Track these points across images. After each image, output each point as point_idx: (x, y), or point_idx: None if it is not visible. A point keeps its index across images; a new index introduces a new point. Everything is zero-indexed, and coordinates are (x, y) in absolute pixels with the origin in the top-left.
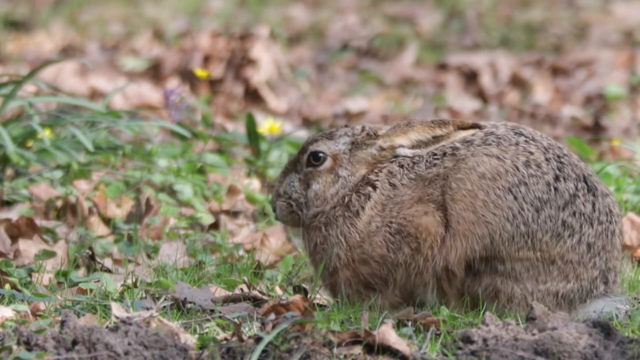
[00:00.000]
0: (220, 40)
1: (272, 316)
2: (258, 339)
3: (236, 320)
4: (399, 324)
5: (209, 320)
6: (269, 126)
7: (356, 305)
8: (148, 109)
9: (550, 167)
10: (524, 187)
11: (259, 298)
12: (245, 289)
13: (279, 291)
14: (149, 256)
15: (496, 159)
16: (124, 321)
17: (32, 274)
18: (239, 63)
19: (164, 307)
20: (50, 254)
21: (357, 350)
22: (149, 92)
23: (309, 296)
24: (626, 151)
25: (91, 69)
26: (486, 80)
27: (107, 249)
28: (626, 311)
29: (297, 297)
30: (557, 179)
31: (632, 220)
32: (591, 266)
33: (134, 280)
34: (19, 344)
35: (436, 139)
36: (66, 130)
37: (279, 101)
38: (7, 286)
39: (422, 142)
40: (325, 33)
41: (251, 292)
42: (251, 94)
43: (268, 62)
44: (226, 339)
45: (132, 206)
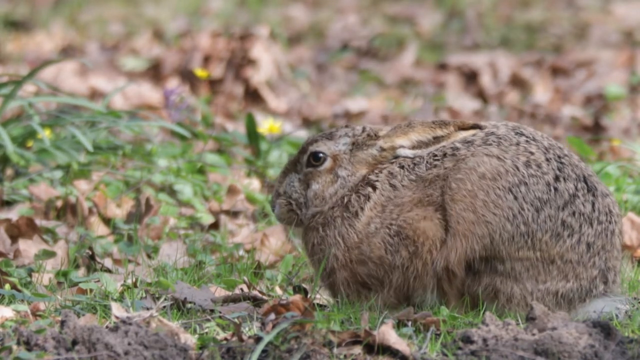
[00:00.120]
0: (220, 40)
1: (272, 316)
2: (258, 339)
3: (236, 320)
4: (399, 324)
5: (209, 320)
6: (269, 126)
7: (356, 305)
8: (148, 109)
9: (550, 167)
10: (524, 187)
11: (259, 298)
12: (245, 289)
13: (279, 291)
14: (149, 256)
15: (496, 159)
16: (124, 321)
17: (32, 274)
18: (239, 63)
19: (164, 307)
20: (50, 254)
21: (357, 350)
22: (149, 92)
23: (309, 296)
24: (626, 151)
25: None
26: (486, 80)
27: (107, 249)
28: (626, 311)
29: (297, 297)
30: (557, 179)
31: (632, 220)
32: (591, 265)
33: (134, 280)
34: (19, 344)
35: (437, 139)
36: (66, 130)
37: (279, 101)
38: (7, 286)
39: (422, 143)
40: (325, 33)
41: (251, 292)
42: (251, 94)
43: (268, 62)
44: (226, 339)
45: (132, 206)
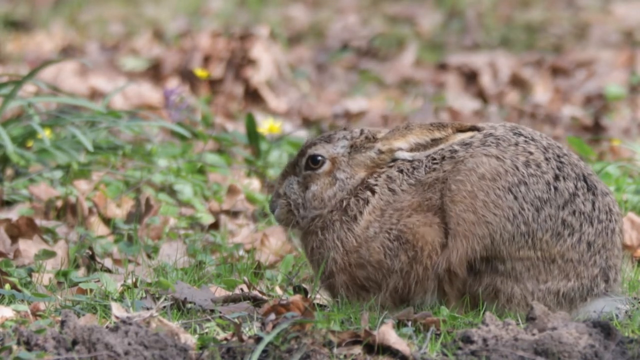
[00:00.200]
0: (220, 40)
1: (272, 316)
2: (258, 339)
3: (236, 320)
4: (399, 324)
5: (209, 320)
6: (269, 126)
7: (356, 305)
8: (148, 109)
9: (549, 166)
10: (523, 186)
11: (259, 298)
12: (245, 289)
13: (279, 291)
14: (149, 256)
15: (496, 159)
16: (124, 321)
17: (32, 274)
18: (239, 63)
19: (164, 307)
20: (50, 254)
21: (357, 350)
22: (149, 92)
23: (309, 296)
24: (626, 151)
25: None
26: (486, 80)
27: (107, 249)
28: (626, 311)
29: (297, 297)
30: (556, 178)
31: (632, 220)
32: (591, 264)
33: (134, 280)
34: (19, 344)
35: (435, 141)
36: (66, 130)
37: (279, 101)
38: (7, 286)
39: (420, 145)
40: (325, 33)
41: (251, 292)
42: (251, 94)
43: (268, 62)
44: (226, 339)
45: (132, 206)
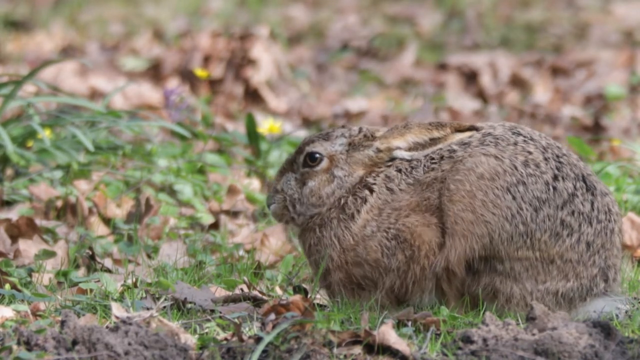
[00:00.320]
0: (220, 40)
1: (272, 316)
2: (258, 339)
3: (236, 320)
4: (399, 324)
5: (209, 320)
6: (269, 126)
7: (356, 305)
8: (148, 109)
9: (548, 166)
10: (522, 186)
11: (259, 298)
12: (245, 289)
13: (279, 291)
14: (149, 256)
15: (494, 159)
16: (124, 321)
17: (32, 274)
18: (239, 63)
19: (164, 307)
20: (50, 254)
21: (357, 350)
22: (149, 92)
23: (309, 296)
24: (626, 151)
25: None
26: (486, 80)
27: (107, 249)
28: (626, 311)
29: (297, 297)
30: (555, 178)
31: (632, 220)
32: (591, 264)
33: (134, 280)
34: (19, 344)
35: (433, 141)
36: (66, 130)
37: (279, 101)
38: (7, 286)
39: (419, 144)
40: (325, 33)
41: (251, 292)
42: (251, 94)
43: (268, 62)
44: (226, 339)
45: (132, 206)
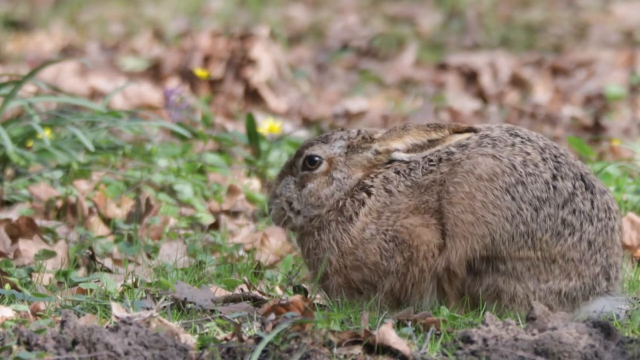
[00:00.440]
0: (220, 40)
1: (272, 316)
2: (258, 339)
3: (236, 320)
4: (399, 324)
5: (209, 320)
6: (269, 126)
7: (356, 306)
8: (148, 109)
9: (547, 166)
10: (521, 186)
11: (259, 298)
12: (245, 289)
13: (279, 291)
14: (149, 256)
15: (492, 159)
16: (124, 321)
17: (32, 274)
18: (239, 63)
19: (164, 307)
20: (50, 254)
21: (357, 350)
22: (149, 92)
23: (309, 296)
24: (626, 151)
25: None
26: (486, 80)
27: (107, 249)
28: (626, 311)
29: (297, 297)
30: (554, 177)
31: (632, 220)
32: (592, 263)
33: (134, 280)
34: (19, 344)
35: (432, 142)
36: (66, 130)
37: (279, 101)
38: (7, 286)
39: (417, 146)
40: (325, 33)
41: (251, 292)
42: (251, 94)
43: (268, 62)
44: (226, 339)
45: (132, 206)
